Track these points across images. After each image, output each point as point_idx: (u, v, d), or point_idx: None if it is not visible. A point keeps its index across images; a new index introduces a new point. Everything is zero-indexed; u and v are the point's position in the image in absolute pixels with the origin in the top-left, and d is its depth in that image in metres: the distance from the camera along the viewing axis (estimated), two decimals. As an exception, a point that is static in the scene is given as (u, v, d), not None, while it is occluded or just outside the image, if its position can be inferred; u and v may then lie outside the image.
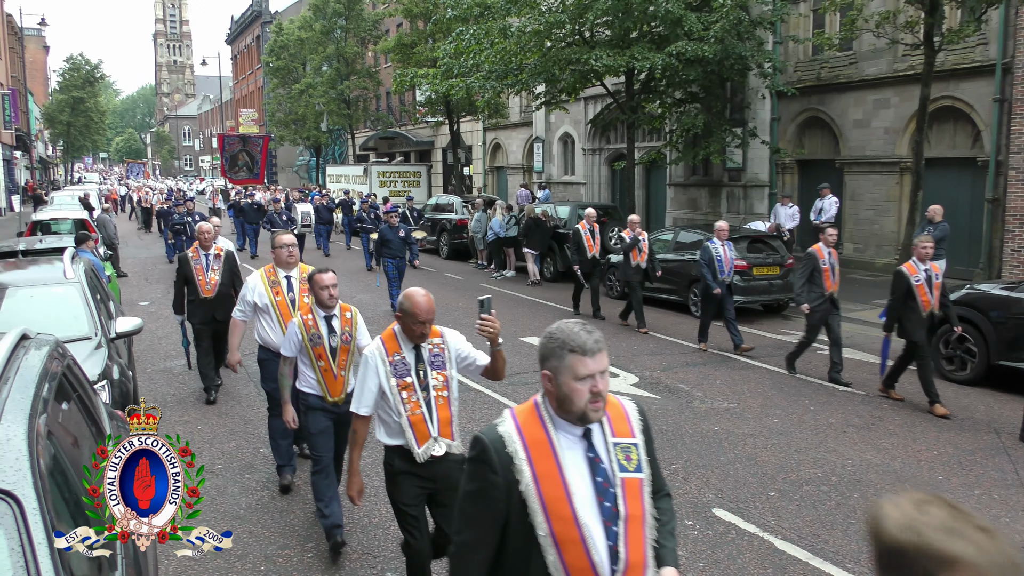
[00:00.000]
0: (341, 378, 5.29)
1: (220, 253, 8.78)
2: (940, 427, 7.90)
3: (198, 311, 8.75)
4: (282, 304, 6.35)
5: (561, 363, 2.33)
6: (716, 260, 11.20)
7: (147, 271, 20.70)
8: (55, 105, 67.70)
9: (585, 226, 13.66)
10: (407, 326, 4.04)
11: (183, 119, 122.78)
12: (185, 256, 8.81)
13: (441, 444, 4.07)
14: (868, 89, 17.41)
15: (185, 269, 8.73)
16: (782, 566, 5.14)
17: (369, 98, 42.21)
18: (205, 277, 8.65)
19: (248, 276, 6.57)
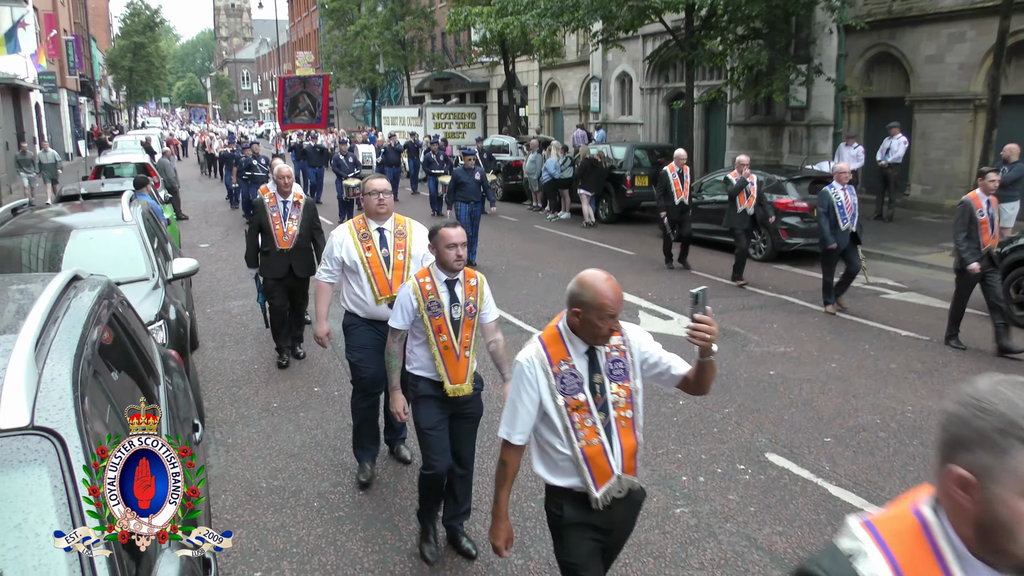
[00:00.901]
0: (464, 360, 4.34)
1: (299, 200, 7.94)
2: (1007, 372, 7.61)
3: (274, 264, 7.90)
4: (374, 262, 5.28)
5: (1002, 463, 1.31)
6: (837, 206, 9.77)
7: (207, 214, 21.06)
8: (117, 51, 68.69)
9: (674, 168, 12.63)
10: (588, 323, 2.95)
11: (241, 63, 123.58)
12: (261, 202, 7.89)
13: (624, 482, 3.07)
14: (943, 22, 16.54)
15: (260, 217, 7.85)
16: (836, 512, 5.04)
17: (424, 39, 41.82)
18: (283, 226, 7.80)
19: (334, 230, 5.51)
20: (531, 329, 9.21)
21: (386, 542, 4.80)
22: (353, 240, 5.31)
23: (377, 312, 5.25)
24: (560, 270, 12.71)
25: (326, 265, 5.48)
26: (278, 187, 7.85)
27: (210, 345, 8.94)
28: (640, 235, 16.45)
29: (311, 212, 8.05)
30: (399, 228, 5.38)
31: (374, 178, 5.46)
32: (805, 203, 12.94)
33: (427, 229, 4.95)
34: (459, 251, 4.24)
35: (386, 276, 5.26)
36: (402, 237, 5.34)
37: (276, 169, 7.98)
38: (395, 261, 5.29)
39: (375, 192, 5.30)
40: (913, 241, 14.14)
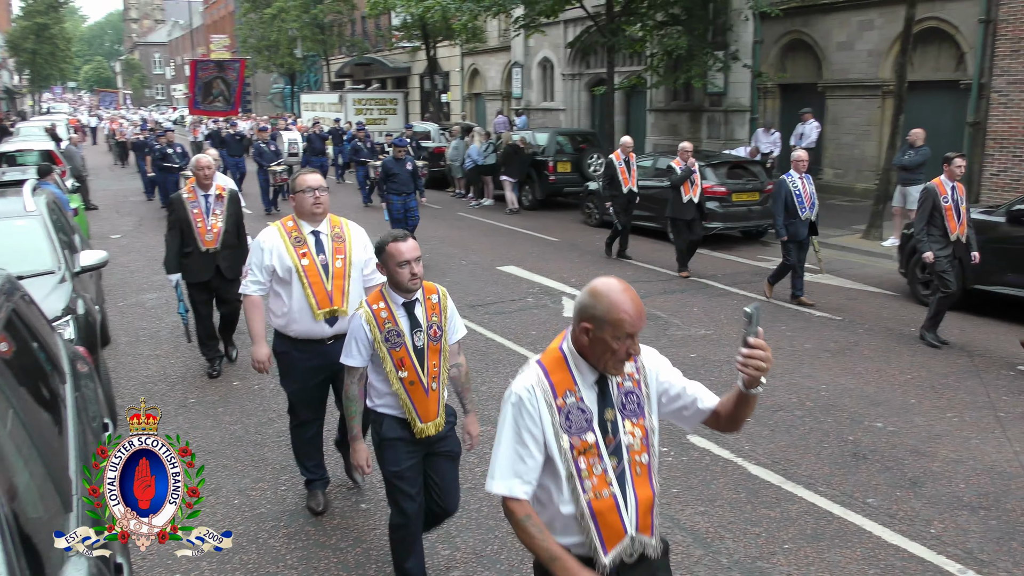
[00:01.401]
0: (435, 393, 3.78)
1: (222, 193, 7.16)
2: (915, 351, 7.94)
3: (197, 267, 7.11)
4: (311, 270, 4.55)
5: None
6: (795, 195, 9.53)
7: (118, 204, 20.33)
8: (18, 32, 65.40)
9: (620, 156, 12.27)
10: (599, 344, 2.39)
11: (153, 46, 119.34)
12: (179, 198, 7.08)
13: (637, 544, 2.50)
14: (852, 10, 17.06)
15: (180, 214, 7.01)
16: (755, 490, 5.17)
17: (344, 23, 41.13)
18: (206, 223, 7.03)
19: (261, 232, 4.72)
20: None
21: (309, 538, 4.72)
22: (285, 245, 4.58)
23: (314, 330, 4.59)
24: (484, 257, 12.69)
25: (254, 275, 4.67)
26: (197, 180, 7.12)
27: (123, 340, 8.63)
28: (563, 221, 16.55)
29: (236, 206, 7.32)
30: (336, 231, 4.68)
31: (306, 173, 4.68)
32: (724, 187, 13.20)
33: (364, 232, 4.79)
34: (413, 268, 3.64)
35: (325, 287, 4.55)
36: (340, 241, 4.66)
37: (195, 160, 7.31)
38: (334, 269, 4.58)
39: (309, 189, 4.57)
40: (825, 224, 14.52)
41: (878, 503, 5.00)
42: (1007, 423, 6.20)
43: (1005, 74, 13.85)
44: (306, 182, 4.59)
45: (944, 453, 5.68)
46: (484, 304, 9.85)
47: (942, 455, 5.65)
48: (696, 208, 11.22)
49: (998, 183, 14.11)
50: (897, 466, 5.49)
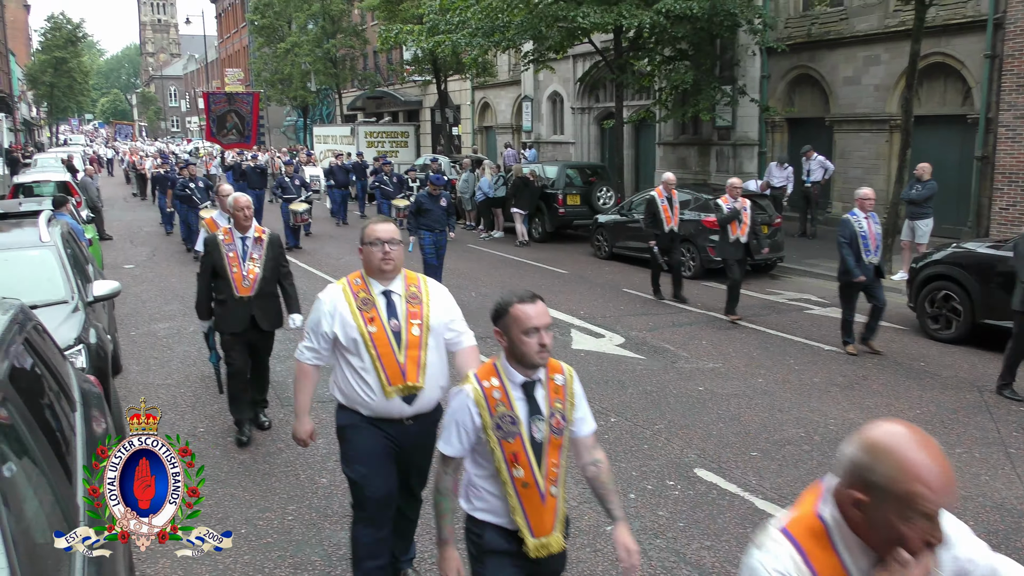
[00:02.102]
0: (552, 501, 3.01)
1: (261, 236, 6.52)
2: (923, 386, 7.92)
3: (231, 316, 6.44)
4: (380, 339, 3.78)
5: None
6: (860, 236, 8.85)
7: (132, 234, 20.52)
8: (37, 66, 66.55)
9: (662, 193, 11.78)
10: (884, 526, 1.74)
11: (169, 79, 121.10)
12: (214, 240, 6.45)
13: None
14: (859, 45, 17.21)
15: (214, 257, 6.41)
16: (762, 525, 5.14)
17: (356, 57, 41.66)
18: (242, 269, 6.41)
19: (324, 291, 4.02)
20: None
21: (316, 568, 4.72)
22: (350, 308, 3.82)
23: (386, 408, 3.83)
24: (493, 289, 12.73)
25: (310, 342, 3.97)
26: (235, 221, 6.48)
27: (134, 369, 8.69)
28: (572, 253, 16.61)
29: (277, 250, 6.64)
30: (411, 290, 3.91)
31: (377, 223, 3.92)
32: (732, 221, 13.22)
33: (446, 291, 4.07)
34: (543, 337, 2.90)
35: (397, 359, 3.77)
36: (416, 303, 3.88)
37: (232, 199, 6.57)
38: (408, 337, 3.80)
39: (378, 242, 3.79)
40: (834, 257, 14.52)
41: (886, 538, 4.96)
42: (1017, 460, 6.17)
43: (1012, 108, 13.92)
44: (375, 233, 3.82)
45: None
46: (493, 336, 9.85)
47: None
48: (744, 248, 10.57)
49: (1007, 217, 14.11)
50: (905, 501, 5.44)
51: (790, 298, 12.03)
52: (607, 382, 8.06)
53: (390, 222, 3.95)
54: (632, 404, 7.42)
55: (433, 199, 11.77)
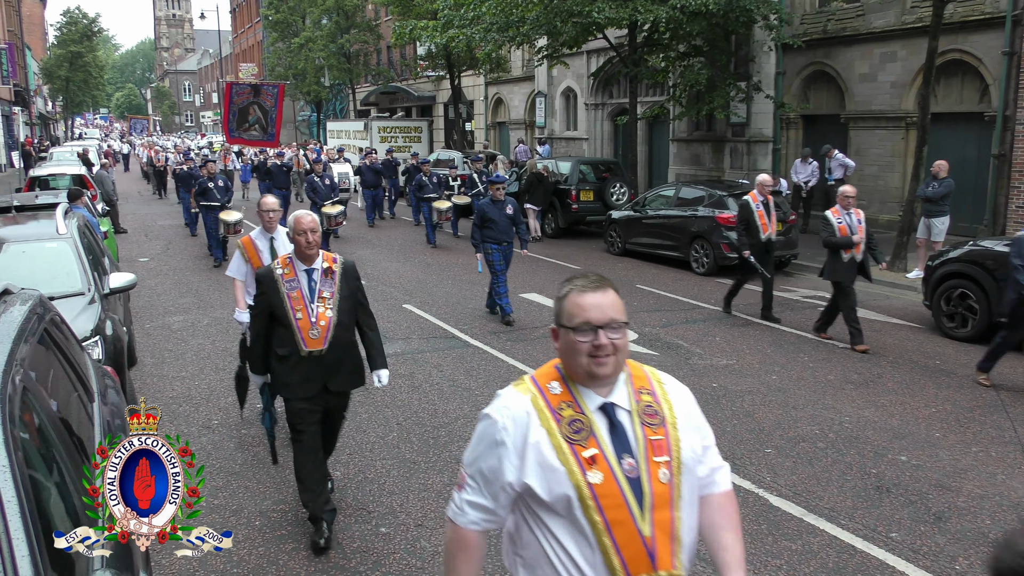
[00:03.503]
0: None
1: (332, 267, 4.79)
2: (939, 384, 7.86)
3: (297, 378, 4.74)
4: (608, 493, 2.10)
5: None
6: None
7: (147, 227, 20.63)
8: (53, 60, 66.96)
9: (756, 198, 10.16)
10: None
11: (183, 74, 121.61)
12: (270, 274, 4.75)
13: None
14: (875, 42, 17.09)
15: (270, 299, 4.72)
16: (776, 522, 5.13)
17: (370, 52, 41.66)
18: (309, 314, 4.67)
19: (498, 400, 2.24)
20: (477, 344, 9.21)
21: (329, 560, 4.73)
22: (550, 435, 2.15)
23: None
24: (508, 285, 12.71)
25: (474, 492, 2.24)
26: (297, 248, 4.73)
27: (149, 361, 8.74)
28: (585, 249, 16.59)
29: (354, 284, 4.88)
30: (644, 399, 2.25)
31: (583, 291, 2.19)
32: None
33: (689, 394, 2.36)
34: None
35: (640, 529, 2.09)
36: (656, 421, 2.22)
37: (294, 218, 4.77)
38: (653, 487, 2.14)
39: (586, 327, 2.15)
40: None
41: (901, 537, 4.94)
42: (1034, 458, 6.12)
43: (1031, 107, 13.79)
44: (582, 311, 2.16)
45: (969, 488, 5.61)
46: (506, 331, 9.87)
47: (967, 490, 5.58)
48: (858, 267, 9.14)
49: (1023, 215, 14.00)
50: (921, 500, 5.42)
51: (804, 295, 11.98)
52: (620, 378, 8.03)
53: (607, 288, 2.19)
54: (645, 400, 7.39)
55: (497, 207, 10.24)
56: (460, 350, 8.99)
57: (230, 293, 12.15)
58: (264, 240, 6.50)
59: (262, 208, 6.49)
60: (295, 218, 4.76)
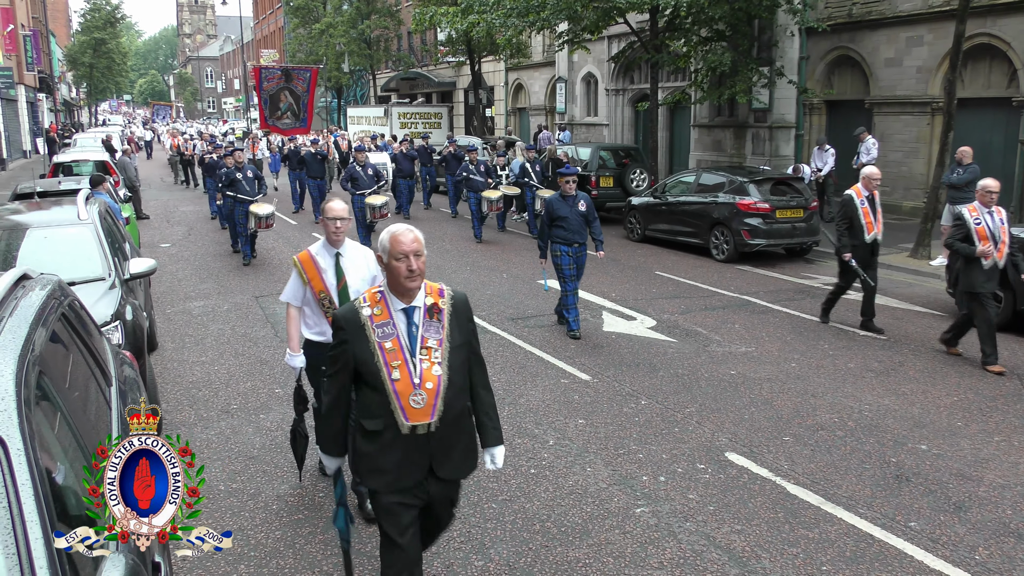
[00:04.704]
0: None
1: (438, 303, 3.42)
2: (961, 373, 7.77)
3: (392, 462, 3.39)
4: None
5: None
6: None
7: (169, 213, 20.77)
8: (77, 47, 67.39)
9: (861, 193, 9.02)
10: None
11: (205, 60, 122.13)
12: (354, 317, 3.36)
13: None
14: (901, 26, 16.83)
15: (357, 350, 3.34)
16: (794, 510, 5.10)
17: (390, 38, 41.65)
18: (411, 373, 3.32)
19: None
20: (495, 330, 9.21)
21: (345, 544, 4.75)
22: None
23: None
24: (525, 270, 12.71)
25: None
26: (391, 278, 3.36)
27: (169, 347, 8.81)
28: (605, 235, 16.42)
29: (467, 327, 3.50)
30: None
31: None
32: (767, 204, 13.08)
33: None
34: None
35: None
36: None
37: (390, 238, 3.35)
38: None
39: None
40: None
41: (920, 527, 4.89)
42: (1057, 448, 6.04)
43: (1060, 91, 13.54)
44: None
45: (991, 478, 5.54)
46: (524, 317, 9.86)
47: (988, 480, 5.51)
48: (1000, 275, 8.06)
49: (1052, 202, 13.77)
50: (941, 490, 5.37)
51: (825, 283, 11.85)
52: (638, 365, 8.02)
53: None
54: (663, 387, 7.38)
55: (568, 202, 8.96)
56: (478, 336, 8.99)
57: (251, 278, 12.32)
58: (328, 256, 4.99)
59: (327, 215, 4.98)
60: (392, 237, 3.31)
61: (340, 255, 5.00)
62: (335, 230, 4.96)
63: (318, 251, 5.04)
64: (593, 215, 9.14)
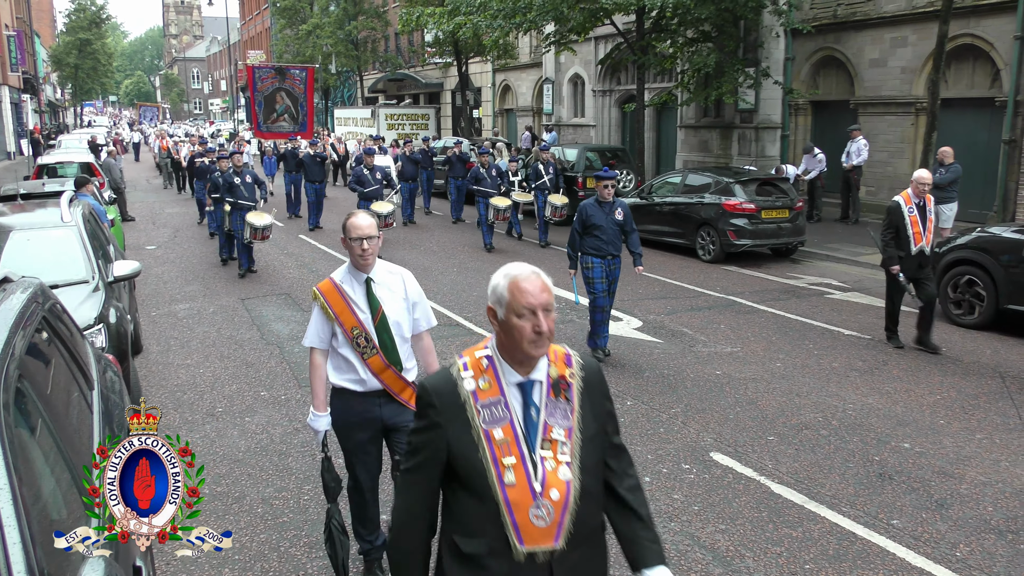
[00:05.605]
0: None
1: (566, 376, 2.42)
2: (944, 371, 7.83)
3: None
4: None
5: None
6: None
7: (155, 215, 20.68)
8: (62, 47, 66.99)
9: (910, 199, 8.35)
10: None
11: (192, 61, 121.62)
12: (451, 387, 2.37)
13: None
14: (885, 27, 16.94)
15: (453, 438, 2.32)
16: (777, 509, 5.13)
17: (377, 39, 41.60)
18: (529, 474, 2.30)
19: None
20: (481, 331, 9.21)
21: (330, 547, 4.75)
22: None
23: None
24: (512, 271, 12.70)
25: None
26: (514, 335, 2.36)
27: (155, 349, 8.78)
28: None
29: (602, 407, 2.48)
30: None
31: None
32: (753, 205, 13.14)
33: None
34: None
35: None
36: None
37: (510, 283, 2.42)
38: None
39: None
40: (857, 242, 14.44)
41: (903, 525, 4.93)
42: (1038, 446, 6.09)
43: (1042, 92, 13.66)
44: None
45: (972, 475, 5.59)
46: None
47: (970, 477, 5.56)
48: None
49: (1034, 202, 13.89)
50: (923, 487, 5.41)
51: (811, 282, 11.93)
52: (624, 365, 8.04)
53: None
54: (649, 388, 7.40)
55: (604, 209, 8.02)
56: (464, 338, 8.99)
57: (236, 281, 12.28)
58: (356, 283, 4.04)
59: (351, 233, 3.94)
60: (513, 284, 2.41)
61: (371, 280, 4.03)
62: (362, 252, 3.94)
63: (343, 278, 4.06)
64: (631, 225, 8.18)
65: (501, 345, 2.45)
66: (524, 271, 2.45)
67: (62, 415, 3.18)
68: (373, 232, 3.96)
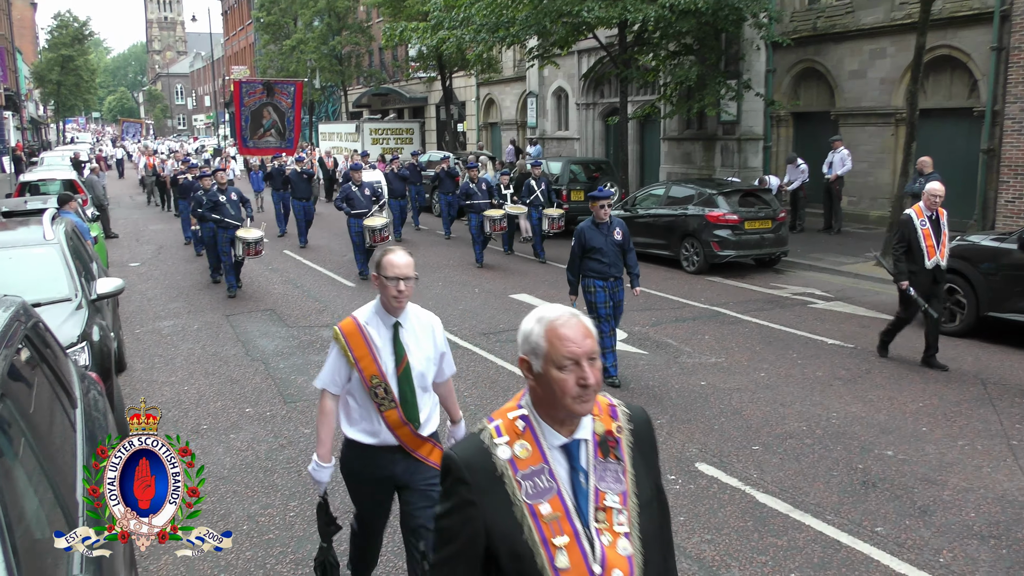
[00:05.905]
0: None
1: (612, 431, 2.13)
2: (927, 379, 7.89)
3: None
4: None
5: None
6: None
7: (138, 232, 20.59)
8: (44, 64, 66.74)
9: (922, 211, 8.07)
10: None
11: (175, 77, 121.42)
12: (486, 460, 2.02)
13: None
14: (864, 39, 17.14)
15: (494, 518, 1.99)
16: (762, 518, 5.16)
17: (361, 54, 41.69)
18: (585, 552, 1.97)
19: None
20: (467, 345, 9.22)
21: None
22: None
23: None
24: (496, 284, 12.75)
25: None
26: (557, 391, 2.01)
27: (139, 367, 8.73)
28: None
29: (653, 463, 2.23)
30: None
31: None
32: (736, 215, 13.23)
33: None
34: None
35: None
36: None
37: (547, 329, 2.04)
38: None
39: None
40: (840, 252, 14.57)
41: (887, 532, 4.97)
42: (1019, 452, 6.15)
43: (1019, 101, 13.84)
44: None
45: (955, 482, 5.64)
46: (495, 332, 9.89)
47: (953, 484, 5.61)
48: None
49: (1013, 210, 14.05)
50: (907, 495, 5.45)
51: (794, 292, 12.02)
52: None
53: None
54: (634, 399, 7.43)
55: (601, 230, 7.83)
56: (450, 351, 8.99)
57: (221, 297, 12.23)
58: (383, 327, 3.70)
59: (386, 272, 3.58)
60: (550, 329, 2.05)
61: (400, 325, 3.68)
62: (398, 293, 3.58)
63: (369, 318, 3.71)
64: (630, 244, 7.99)
65: (538, 402, 2.07)
66: (561, 314, 2.06)
67: (45, 434, 3.17)
68: (411, 272, 3.61)
